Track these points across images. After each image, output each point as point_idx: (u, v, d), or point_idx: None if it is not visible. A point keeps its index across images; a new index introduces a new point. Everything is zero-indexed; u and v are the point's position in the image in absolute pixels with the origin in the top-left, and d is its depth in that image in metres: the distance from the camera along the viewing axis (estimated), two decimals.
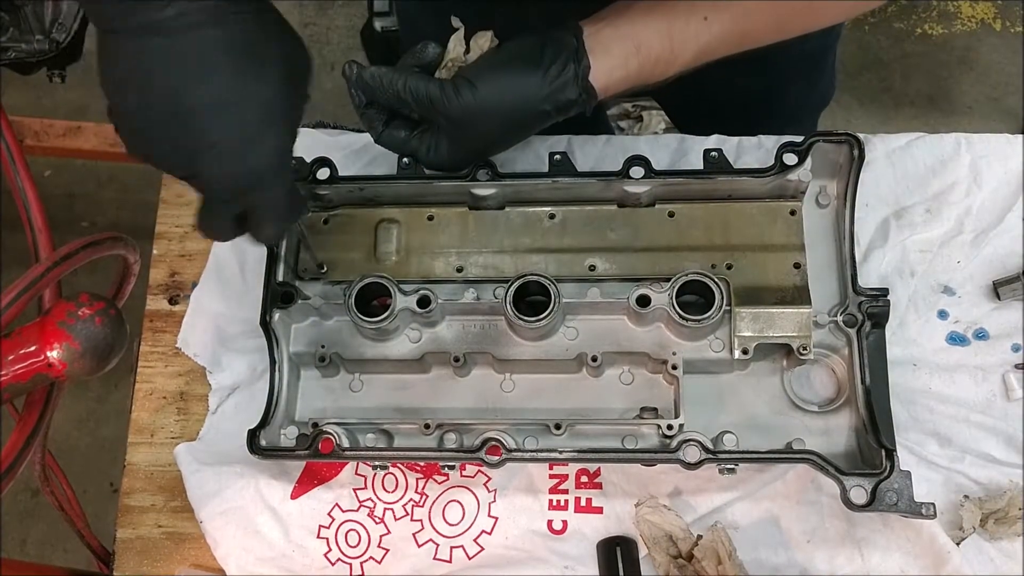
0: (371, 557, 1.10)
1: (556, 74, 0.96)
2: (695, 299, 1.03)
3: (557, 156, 1.09)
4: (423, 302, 1.04)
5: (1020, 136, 1.20)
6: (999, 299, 1.12)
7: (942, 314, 1.13)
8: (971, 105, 2.66)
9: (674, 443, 0.98)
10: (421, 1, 1.35)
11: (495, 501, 1.10)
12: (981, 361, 1.11)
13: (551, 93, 0.96)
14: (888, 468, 0.95)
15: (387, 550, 1.10)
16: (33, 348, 0.75)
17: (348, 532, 1.11)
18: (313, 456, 1.02)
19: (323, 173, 1.10)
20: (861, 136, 1.06)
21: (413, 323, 1.07)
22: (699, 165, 1.08)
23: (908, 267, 1.15)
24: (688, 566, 1.04)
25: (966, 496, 1.05)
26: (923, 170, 1.19)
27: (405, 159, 1.08)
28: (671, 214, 1.09)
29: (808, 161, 1.04)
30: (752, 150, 1.21)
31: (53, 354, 0.74)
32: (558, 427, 1.01)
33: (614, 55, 0.97)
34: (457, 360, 1.05)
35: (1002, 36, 2.73)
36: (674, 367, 1.02)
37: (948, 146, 1.20)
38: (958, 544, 1.03)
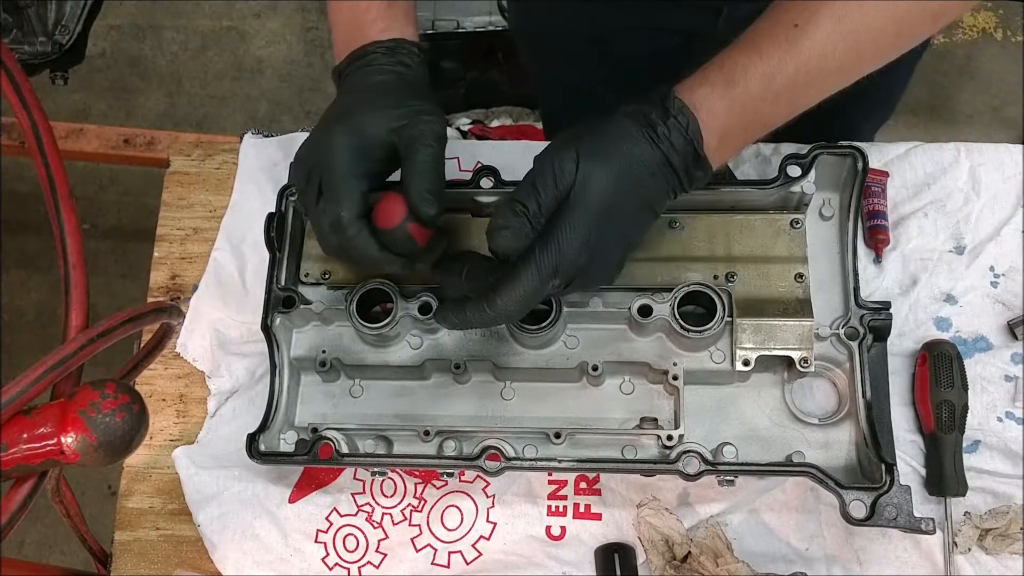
0: (369, 562, 1.10)
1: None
2: (695, 309, 1.02)
3: None
4: (424, 308, 1.04)
5: (1019, 145, 1.20)
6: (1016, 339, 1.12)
7: (943, 323, 1.13)
8: (971, 114, 2.66)
9: (674, 454, 0.98)
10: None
11: (494, 506, 1.11)
12: (982, 371, 1.11)
13: None
14: (888, 482, 0.94)
15: (385, 555, 1.10)
16: (49, 430, 0.70)
17: (346, 537, 1.11)
18: (312, 461, 1.02)
19: None
20: (862, 145, 1.06)
21: (414, 329, 1.07)
22: None
23: (909, 276, 1.15)
24: (685, 567, 1.04)
25: (967, 512, 1.05)
26: (922, 178, 1.20)
27: None
28: (674, 224, 1.08)
29: (812, 173, 1.03)
30: (750, 158, 1.21)
31: (68, 440, 0.70)
32: (558, 436, 1.01)
33: None
34: (457, 367, 1.05)
35: (1003, 46, 2.74)
36: (675, 378, 1.02)
37: (947, 154, 1.20)
38: (957, 557, 1.03)
